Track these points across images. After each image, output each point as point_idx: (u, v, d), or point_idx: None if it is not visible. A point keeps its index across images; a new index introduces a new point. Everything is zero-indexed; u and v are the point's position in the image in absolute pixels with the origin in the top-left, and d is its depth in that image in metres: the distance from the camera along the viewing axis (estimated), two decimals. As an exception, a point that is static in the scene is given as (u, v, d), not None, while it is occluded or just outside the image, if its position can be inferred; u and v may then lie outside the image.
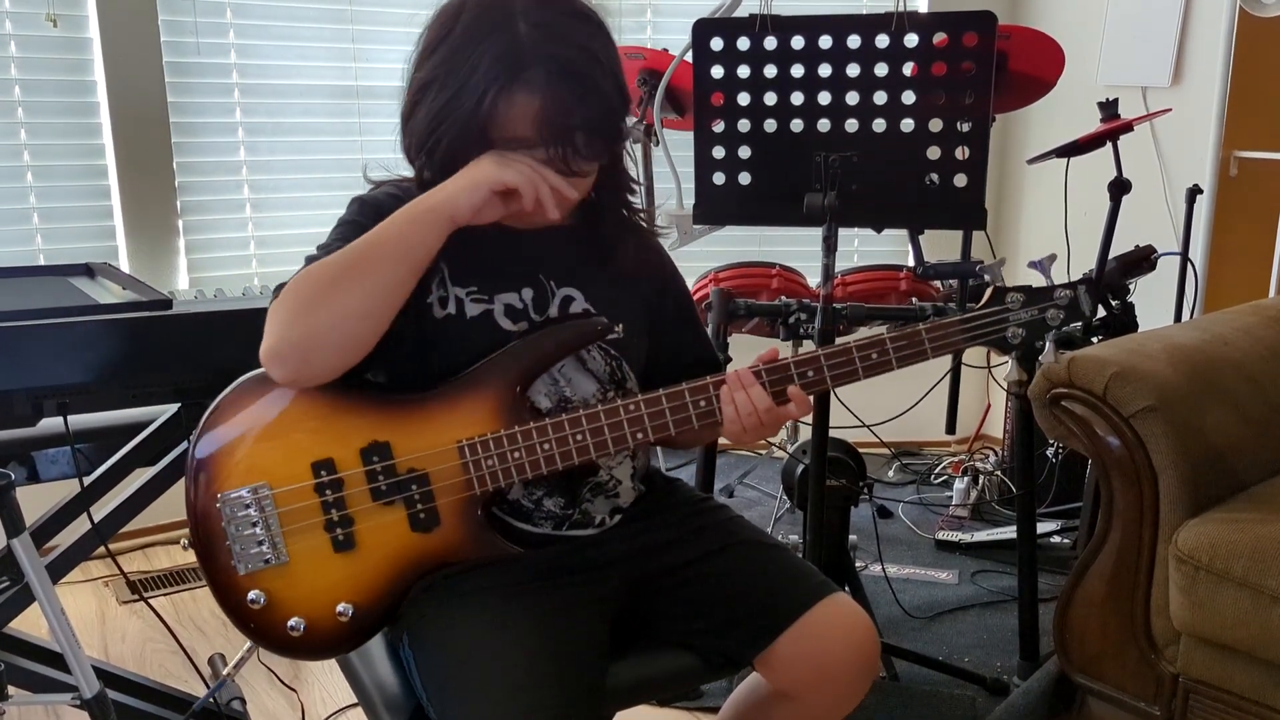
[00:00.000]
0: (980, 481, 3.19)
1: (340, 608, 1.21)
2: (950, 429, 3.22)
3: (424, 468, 1.21)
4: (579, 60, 1.16)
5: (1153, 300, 2.81)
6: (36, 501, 1.69)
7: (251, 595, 1.20)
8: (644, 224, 1.38)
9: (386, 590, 1.22)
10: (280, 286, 1.20)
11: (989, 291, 1.28)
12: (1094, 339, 2.34)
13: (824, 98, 1.84)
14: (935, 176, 1.83)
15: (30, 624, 1.87)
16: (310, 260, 1.22)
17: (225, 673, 1.85)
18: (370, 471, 1.20)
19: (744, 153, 1.91)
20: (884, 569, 2.68)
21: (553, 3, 1.18)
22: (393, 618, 1.25)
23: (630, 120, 1.27)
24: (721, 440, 2.75)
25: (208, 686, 1.88)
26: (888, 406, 2.97)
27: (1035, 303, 1.26)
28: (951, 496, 3.18)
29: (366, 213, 1.25)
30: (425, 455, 1.21)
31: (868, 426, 2.85)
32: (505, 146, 1.18)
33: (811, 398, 1.26)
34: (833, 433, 1.96)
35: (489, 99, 1.14)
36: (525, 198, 1.16)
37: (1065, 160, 2.46)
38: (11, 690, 1.53)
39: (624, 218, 1.35)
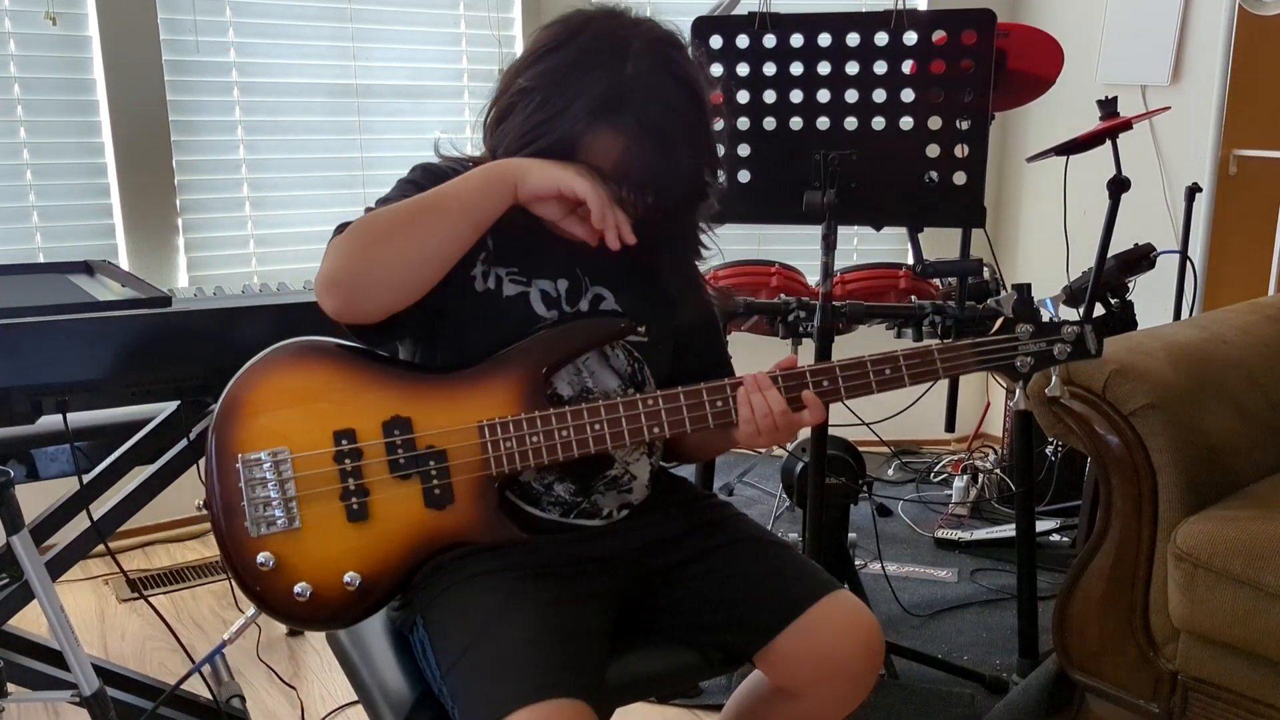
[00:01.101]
0: (979, 480, 3.19)
1: (348, 577, 1.21)
2: (950, 427, 3.21)
3: (443, 445, 1.22)
4: (670, 123, 1.21)
5: (1152, 298, 2.81)
6: (36, 499, 1.69)
7: (261, 558, 1.20)
8: (700, 272, 1.45)
9: (394, 564, 1.23)
10: (343, 225, 1.23)
11: (1000, 321, 1.32)
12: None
13: (823, 95, 1.84)
14: (934, 174, 1.83)
15: (30, 622, 1.87)
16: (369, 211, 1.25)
17: (226, 637, 1.85)
18: (390, 444, 1.22)
19: (743, 151, 1.91)
20: (883, 567, 2.68)
21: (665, 61, 1.23)
22: (397, 594, 1.26)
23: (714, 181, 1.34)
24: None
25: (207, 684, 1.89)
26: (887, 405, 2.97)
27: (1044, 336, 1.31)
28: (951, 495, 3.18)
29: (428, 177, 1.29)
30: (445, 433, 1.23)
31: (867, 425, 2.85)
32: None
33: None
34: (832, 431, 1.97)
35: (579, 129, 1.20)
36: (594, 216, 1.20)
37: (1064, 158, 2.46)
38: (11, 688, 1.54)
39: (683, 271, 1.41)
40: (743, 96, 1.88)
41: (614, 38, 1.22)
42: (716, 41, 1.87)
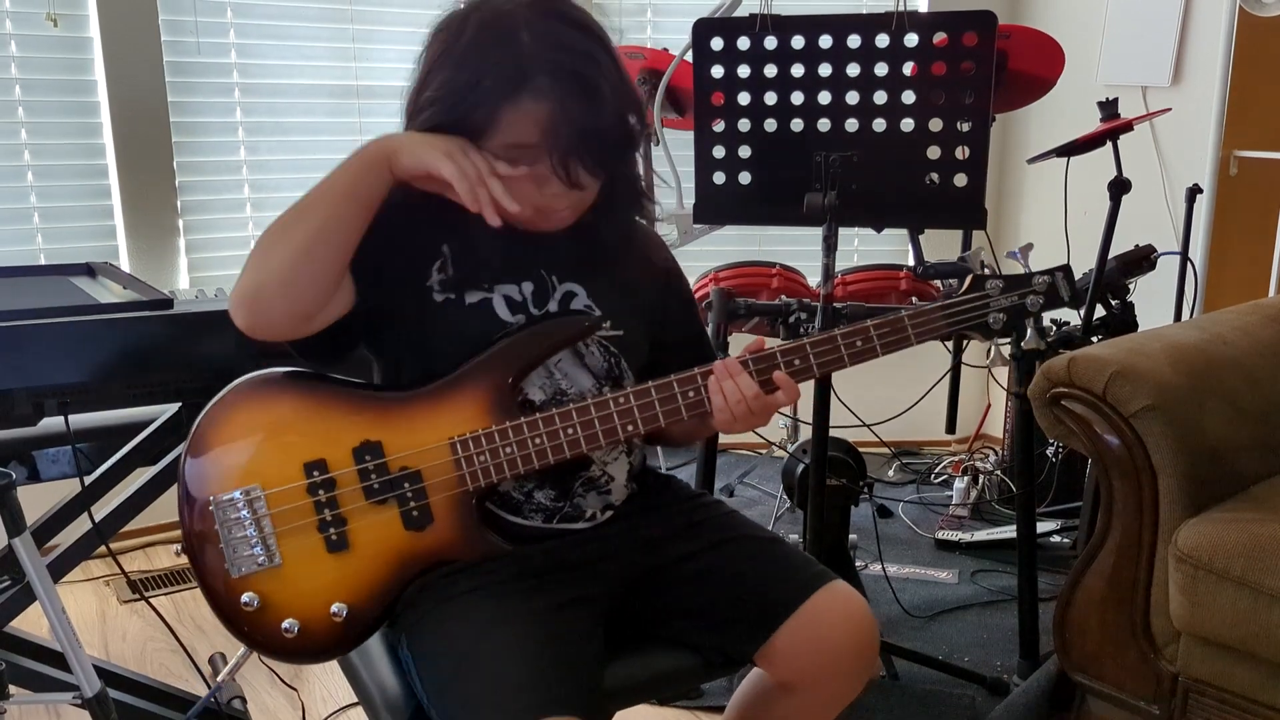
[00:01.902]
0: (980, 481, 3.19)
1: (335, 608, 1.21)
2: (950, 428, 3.22)
3: (416, 465, 1.21)
4: (584, 67, 1.18)
5: (1152, 300, 2.81)
6: (37, 501, 1.69)
7: (245, 598, 1.19)
8: (647, 224, 1.41)
9: (381, 590, 1.22)
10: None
11: (969, 279, 1.29)
12: (1094, 338, 2.34)
13: (824, 97, 1.84)
14: (935, 176, 1.83)
15: (31, 623, 1.87)
16: None
17: (220, 678, 1.85)
18: (362, 470, 1.21)
19: (744, 152, 1.91)
20: (884, 568, 2.68)
21: (553, 13, 1.20)
22: (387, 618, 1.25)
23: (640, 126, 1.31)
24: (721, 439, 2.75)
25: (208, 685, 1.89)
26: (888, 406, 2.97)
27: (1014, 289, 1.29)
28: (951, 496, 3.19)
29: None
30: (417, 453, 1.21)
31: (868, 426, 2.85)
32: (508, 154, 1.19)
33: (800, 385, 1.27)
34: (833, 432, 1.97)
35: (500, 111, 1.17)
36: (465, 199, 1.17)
37: (1065, 160, 2.46)
38: (13, 689, 1.53)
39: (630, 222, 1.36)
40: (744, 98, 1.88)
41: (498, 21, 1.19)
42: (718, 43, 1.87)
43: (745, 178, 1.92)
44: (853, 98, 1.83)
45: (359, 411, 1.22)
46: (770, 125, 1.88)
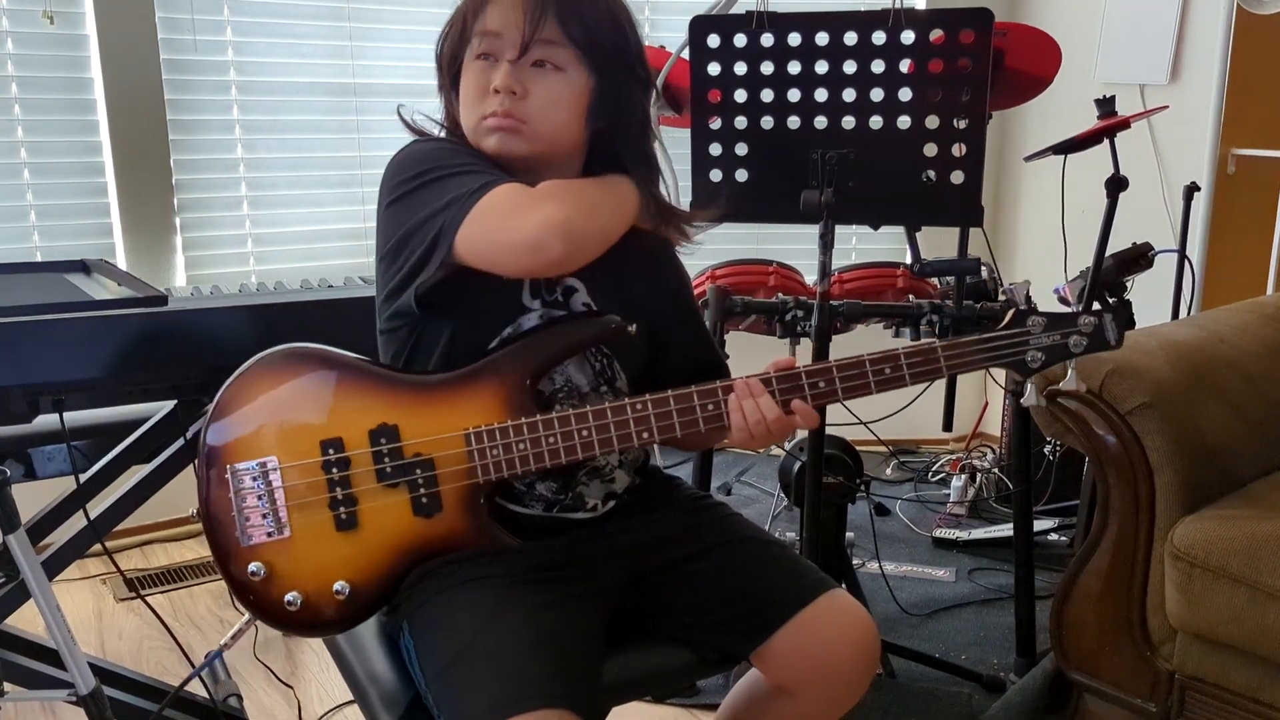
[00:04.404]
0: (978, 479, 3.19)
1: (338, 586, 1.21)
2: (948, 427, 3.21)
3: (430, 453, 1.22)
4: None
5: (1150, 298, 2.81)
6: (33, 498, 1.68)
7: (252, 567, 1.20)
8: (671, 218, 1.38)
9: (384, 572, 1.23)
10: (487, 183, 1.19)
11: (1010, 313, 1.24)
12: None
13: (821, 95, 1.84)
14: (932, 173, 1.83)
15: (27, 621, 1.87)
16: (486, 184, 1.22)
17: (222, 643, 1.84)
18: (377, 453, 1.21)
19: (741, 150, 1.91)
20: (881, 566, 2.68)
21: None
22: (388, 601, 1.25)
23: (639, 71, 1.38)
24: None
25: (204, 683, 1.88)
26: (885, 404, 2.96)
27: (1058, 328, 1.23)
28: (949, 494, 3.19)
29: (457, 148, 1.30)
30: (432, 440, 1.22)
31: (865, 424, 2.85)
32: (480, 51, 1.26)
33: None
34: (830, 430, 1.96)
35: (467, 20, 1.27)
36: None
37: (1062, 157, 2.46)
38: (7, 686, 1.53)
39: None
40: (740, 95, 1.88)
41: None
42: (714, 40, 1.87)
43: (742, 175, 1.92)
44: (849, 95, 1.83)
45: (379, 394, 1.23)
46: (767, 123, 1.88)
